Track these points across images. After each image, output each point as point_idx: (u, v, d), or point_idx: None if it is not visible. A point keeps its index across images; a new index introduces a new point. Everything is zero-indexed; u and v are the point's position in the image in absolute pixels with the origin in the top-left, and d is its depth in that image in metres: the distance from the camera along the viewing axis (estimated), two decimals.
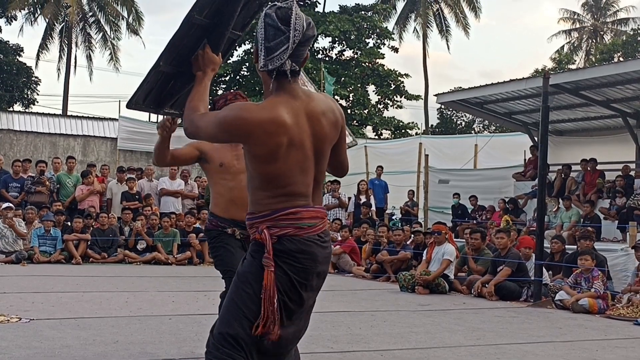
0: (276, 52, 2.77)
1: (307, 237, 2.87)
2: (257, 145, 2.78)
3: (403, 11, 40.72)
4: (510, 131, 20.17)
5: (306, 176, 2.87)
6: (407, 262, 11.78)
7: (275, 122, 2.74)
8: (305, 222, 2.88)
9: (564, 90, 14.79)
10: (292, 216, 2.86)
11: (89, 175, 14.68)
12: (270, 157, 2.79)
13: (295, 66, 2.81)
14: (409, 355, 5.61)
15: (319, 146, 2.89)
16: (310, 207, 2.92)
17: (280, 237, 2.84)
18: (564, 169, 15.67)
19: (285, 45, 2.76)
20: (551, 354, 5.92)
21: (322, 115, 2.88)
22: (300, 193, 2.88)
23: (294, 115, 2.79)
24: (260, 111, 2.77)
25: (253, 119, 2.74)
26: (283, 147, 2.76)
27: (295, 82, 2.87)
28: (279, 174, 2.82)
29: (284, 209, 2.85)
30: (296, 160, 2.81)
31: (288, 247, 2.85)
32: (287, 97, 2.82)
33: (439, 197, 17.52)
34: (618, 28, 44.74)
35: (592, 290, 8.87)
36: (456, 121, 41.37)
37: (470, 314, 8.31)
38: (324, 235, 2.98)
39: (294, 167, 2.82)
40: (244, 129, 2.76)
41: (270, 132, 2.74)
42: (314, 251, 2.89)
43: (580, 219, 13.65)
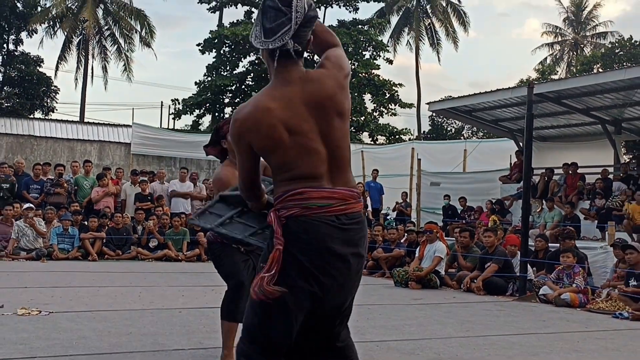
0: (277, 33, 2.60)
1: (316, 218, 2.61)
2: (255, 139, 2.63)
3: (397, 25, 40.73)
4: (497, 137, 20.16)
5: (313, 158, 2.63)
6: (401, 259, 11.78)
7: (261, 111, 2.59)
8: (314, 202, 2.62)
9: (547, 99, 14.79)
10: (298, 197, 2.62)
11: (104, 178, 14.67)
12: (270, 147, 2.62)
13: (298, 47, 2.63)
14: (403, 345, 5.60)
15: (326, 125, 2.66)
16: (324, 188, 2.65)
17: (288, 219, 2.62)
18: (547, 172, 15.66)
19: (287, 26, 2.60)
20: (535, 345, 5.91)
21: (321, 94, 2.66)
22: (308, 175, 2.64)
23: (284, 103, 2.60)
24: (247, 107, 2.64)
25: (241, 117, 2.63)
26: (278, 133, 2.59)
27: (295, 65, 2.66)
28: (282, 161, 2.64)
29: (290, 190, 2.63)
30: (297, 145, 2.61)
31: (293, 228, 2.62)
32: (281, 85, 2.65)
33: (430, 199, 17.50)
34: (597, 41, 44.70)
35: (573, 285, 8.86)
36: (446, 128, 41.32)
37: (460, 307, 8.30)
38: (347, 217, 2.68)
39: (295, 153, 2.62)
40: (239, 130, 2.64)
41: (259, 123, 2.59)
42: (323, 231, 2.61)
43: (562, 219, 13.65)
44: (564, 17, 46.24)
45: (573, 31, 46.07)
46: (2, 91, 33.65)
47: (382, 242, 12.62)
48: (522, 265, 9.57)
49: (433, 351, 5.42)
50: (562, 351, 5.70)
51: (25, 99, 33.18)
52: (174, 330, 5.82)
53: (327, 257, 2.60)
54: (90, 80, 36.32)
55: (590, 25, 46.01)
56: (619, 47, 37.30)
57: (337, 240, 2.63)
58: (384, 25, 37.52)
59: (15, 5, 32.52)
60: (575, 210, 14.07)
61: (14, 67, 33.75)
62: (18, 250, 12.45)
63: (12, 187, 13.97)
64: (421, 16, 40.67)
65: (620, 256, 9.24)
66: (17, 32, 33.58)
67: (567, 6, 46.26)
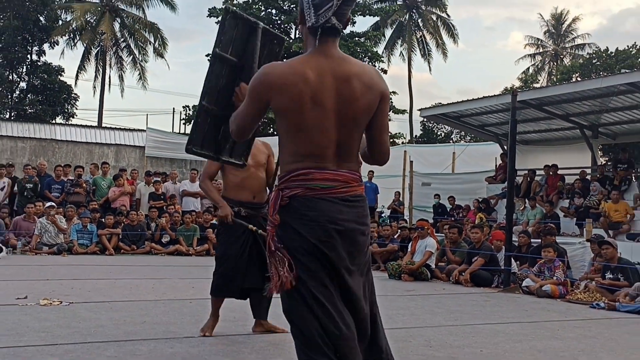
0: (322, 9, 2.47)
1: (319, 197, 2.48)
2: (279, 96, 2.46)
3: (391, 38, 40.71)
4: (483, 141, 20.16)
5: (324, 136, 2.48)
6: (394, 253, 11.78)
7: (296, 74, 2.43)
8: (317, 182, 2.48)
9: (529, 105, 14.79)
10: (302, 177, 2.48)
11: (120, 178, 14.66)
12: (291, 109, 2.46)
13: (339, 24, 2.49)
14: (397, 333, 5.58)
15: (346, 108, 2.49)
16: (328, 169, 2.50)
17: (291, 198, 2.49)
18: (529, 173, 15.66)
19: (330, 2, 2.46)
20: (519, 333, 5.90)
21: (354, 76, 2.49)
22: (316, 154, 2.48)
23: (318, 73, 2.45)
24: (282, 65, 2.51)
25: (275, 72, 2.47)
26: (302, 100, 2.43)
27: (334, 42, 2.53)
28: (295, 130, 2.48)
29: (296, 169, 2.49)
30: (314, 116, 2.45)
31: (296, 206, 2.49)
32: (318, 56, 2.50)
33: (421, 198, 17.50)
34: (576, 52, 44.69)
35: (554, 277, 8.86)
36: (437, 132, 41.27)
37: (449, 298, 8.30)
38: (350, 198, 2.54)
39: (312, 125, 2.46)
40: (267, 83, 2.47)
41: (290, 83, 2.42)
42: (327, 208, 2.47)
43: (544, 217, 13.65)
44: (545, 30, 46.32)
45: (553, 43, 46.08)
46: (26, 98, 33.63)
47: (377, 237, 12.61)
48: (506, 259, 9.58)
49: (424, 338, 5.42)
50: (544, 338, 5.70)
51: (47, 106, 33.16)
52: (185, 319, 5.82)
53: (333, 232, 2.47)
54: (107, 88, 36.30)
55: (570, 38, 46.06)
56: (596, 57, 37.28)
57: (342, 215, 2.51)
58: (379, 38, 37.46)
59: (38, 19, 32.51)
60: (556, 209, 14.08)
61: (37, 76, 33.74)
62: (41, 245, 12.44)
63: (35, 187, 13.97)
64: (413, 29, 40.67)
65: (597, 251, 9.24)
66: (40, 44, 33.56)
67: (548, 20, 46.37)
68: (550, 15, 46.41)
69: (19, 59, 32.76)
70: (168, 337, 4.98)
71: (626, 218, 12.49)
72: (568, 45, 45.91)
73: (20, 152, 23.51)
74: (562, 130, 17.02)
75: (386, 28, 39.91)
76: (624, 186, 13.71)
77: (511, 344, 5.39)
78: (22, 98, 33.63)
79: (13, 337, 4.77)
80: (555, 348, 5.27)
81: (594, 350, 5.26)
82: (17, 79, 33.98)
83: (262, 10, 32.17)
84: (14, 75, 33.73)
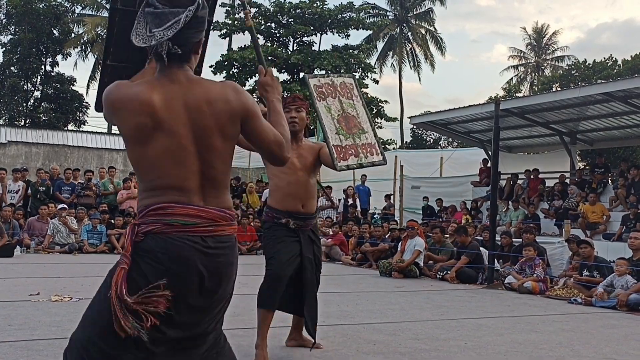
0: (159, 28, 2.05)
1: (179, 237, 2.05)
2: (122, 123, 2.08)
3: (383, 50, 40.77)
4: (469, 147, 20.20)
5: (182, 168, 2.07)
6: (385, 252, 11.77)
7: (140, 100, 2.04)
8: (178, 219, 2.05)
9: (512, 113, 14.84)
10: (160, 211, 2.06)
11: (128, 182, 14.65)
12: (135, 139, 2.07)
13: (176, 49, 2.06)
14: (387, 327, 5.60)
15: (202, 137, 2.09)
16: (192, 205, 2.08)
17: (147, 234, 2.06)
18: (512, 177, 15.71)
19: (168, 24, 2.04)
20: (501, 326, 5.92)
21: (206, 103, 2.08)
22: (175, 187, 2.07)
23: (166, 99, 2.06)
24: (129, 87, 2.09)
25: (119, 94, 2.07)
26: (147, 129, 2.03)
27: (178, 68, 2.11)
28: (146, 161, 2.08)
29: (154, 204, 2.07)
30: (166, 148, 2.05)
31: (150, 244, 2.05)
32: (165, 80, 2.10)
33: (411, 200, 17.51)
34: (556, 64, 44.78)
35: (534, 275, 8.88)
36: (426, 139, 41.34)
37: (436, 294, 8.30)
38: (214, 240, 2.11)
39: (164, 156, 2.06)
40: (111, 104, 2.09)
41: (134, 110, 2.03)
42: (185, 254, 2.04)
43: (526, 217, 13.68)
44: (527, 42, 46.41)
45: (535, 55, 46.20)
46: (40, 107, 33.60)
47: (370, 237, 12.62)
48: (489, 257, 9.59)
49: (412, 332, 5.43)
50: (524, 332, 5.71)
51: (60, 114, 33.12)
52: None
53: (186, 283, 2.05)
54: None
55: (550, 50, 46.20)
56: (575, 69, 37.39)
57: (201, 264, 2.08)
58: (371, 50, 37.54)
59: (52, 32, 32.47)
60: (537, 210, 14.10)
61: (51, 86, 33.69)
62: (53, 245, 12.41)
63: (48, 189, 13.95)
64: (403, 42, 40.74)
65: (575, 250, 9.25)
66: (53, 55, 33.50)
67: (530, 33, 46.47)
68: (532, 29, 46.61)
69: (33, 69, 32.72)
70: None
71: (602, 219, 12.53)
72: (549, 57, 46.03)
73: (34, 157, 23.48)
74: (542, 136, 17.08)
75: (378, 41, 39.97)
76: (600, 189, 13.76)
77: (493, 337, 5.40)
78: (36, 106, 33.58)
79: (26, 331, 4.76)
80: (535, 341, 5.29)
81: (571, 343, 5.27)
82: (31, 89, 33.92)
83: (262, 24, 32.22)
84: (29, 84, 33.67)
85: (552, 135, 16.51)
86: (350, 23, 32.57)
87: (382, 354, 4.57)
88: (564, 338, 5.49)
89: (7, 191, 13.95)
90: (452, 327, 5.77)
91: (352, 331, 5.36)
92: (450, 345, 4.95)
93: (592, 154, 22.09)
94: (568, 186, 14.23)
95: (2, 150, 23.29)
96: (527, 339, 5.36)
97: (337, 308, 6.58)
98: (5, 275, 8.31)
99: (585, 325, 6.29)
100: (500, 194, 14.87)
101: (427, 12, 40.40)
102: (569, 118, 14.95)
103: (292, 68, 32.21)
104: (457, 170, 18.91)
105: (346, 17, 32.44)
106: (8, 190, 13.98)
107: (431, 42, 40.49)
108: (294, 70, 32.44)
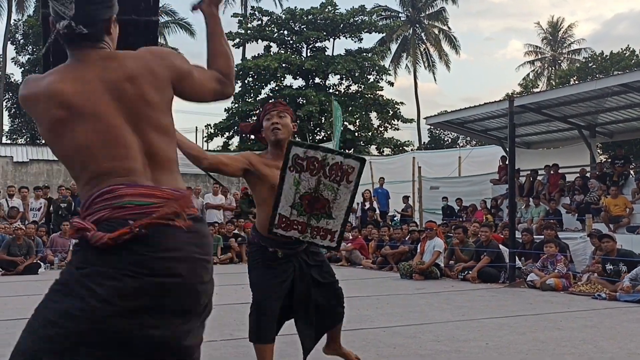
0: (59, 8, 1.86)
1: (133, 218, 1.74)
2: (39, 121, 1.87)
3: (396, 52, 40.71)
4: (487, 145, 20.07)
5: (116, 148, 1.82)
6: (406, 254, 11.72)
7: (50, 91, 1.82)
8: (128, 199, 1.77)
9: (528, 109, 14.72)
10: (107, 195, 1.78)
11: None
12: (56, 133, 1.84)
13: (82, 29, 1.84)
14: (406, 330, 5.58)
15: (133, 111, 1.85)
16: (140, 185, 1.81)
17: (97, 224, 1.75)
18: (532, 173, 15.56)
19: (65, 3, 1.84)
20: (523, 325, 5.86)
21: (128, 80, 1.86)
22: (114, 170, 1.81)
23: (80, 83, 1.83)
24: (38, 81, 1.87)
25: (28, 90, 1.86)
26: (65, 120, 1.80)
27: (93, 47, 1.89)
28: (77, 153, 1.83)
29: (97, 190, 1.80)
30: (92, 132, 1.80)
31: None
32: (77, 63, 1.88)
33: (430, 201, 17.42)
34: (573, 57, 44.39)
35: (555, 271, 8.77)
36: (444, 138, 41.17)
37: (457, 294, 8.24)
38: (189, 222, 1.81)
39: (92, 142, 1.80)
40: (23, 103, 1.89)
41: (45, 103, 1.82)
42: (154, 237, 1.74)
43: (547, 214, 13.54)
44: (543, 37, 46.05)
45: (551, 49, 45.83)
46: None
47: (389, 240, 12.59)
48: (510, 255, 9.50)
49: (433, 334, 5.40)
50: (546, 329, 5.65)
51: None
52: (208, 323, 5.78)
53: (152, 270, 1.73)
54: None
55: (566, 43, 45.80)
56: (592, 61, 37.02)
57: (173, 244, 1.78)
58: (385, 52, 37.48)
59: None
60: (558, 206, 13.95)
61: None
62: None
63: (69, 205, 14.15)
64: (417, 43, 40.65)
65: (597, 244, 9.14)
66: None
67: (545, 28, 46.09)
68: (547, 23, 46.25)
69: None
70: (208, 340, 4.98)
71: (625, 212, 12.35)
72: (565, 51, 45.64)
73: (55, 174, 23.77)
74: (561, 131, 16.90)
75: (392, 43, 39.92)
76: (621, 181, 13.58)
77: (515, 336, 5.35)
78: None
79: None
80: (558, 338, 5.22)
81: (594, 339, 5.20)
82: None
83: (275, 32, 32.36)
84: None
85: (570, 129, 16.33)
86: (362, 26, 32.59)
87: (402, 357, 4.55)
88: (588, 334, 5.42)
89: (29, 209, 14.17)
90: (473, 327, 5.73)
91: (372, 335, 5.35)
92: (471, 346, 4.91)
93: (613, 146, 21.80)
94: (589, 180, 14.06)
95: (24, 169, 23.64)
96: (549, 336, 5.30)
97: (357, 312, 6.56)
98: (30, 292, 8.41)
99: (610, 320, 6.20)
100: (521, 191, 14.74)
101: (440, 12, 40.28)
102: (586, 111, 14.79)
103: (307, 74, 32.30)
104: (475, 169, 18.80)
105: (358, 21, 32.47)
106: (30, 208, 14.20)
107: (445, 41, 40.38)
108: (308, 76, 32.53)
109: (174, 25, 35.86)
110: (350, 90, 33.41)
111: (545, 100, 14.39)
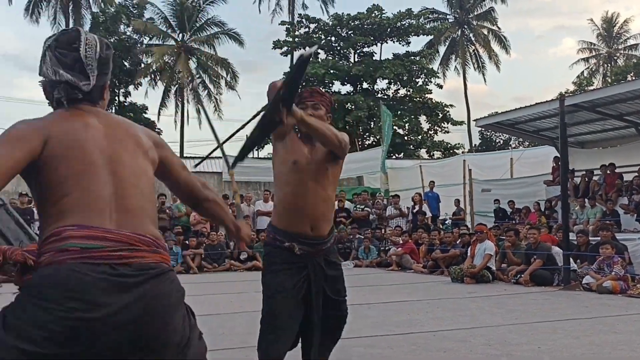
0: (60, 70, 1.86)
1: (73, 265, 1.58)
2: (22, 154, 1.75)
3: (445, 54, 40.32)
4: (540, 145, 19.65)
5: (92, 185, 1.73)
6: (457, 258, 11.59)
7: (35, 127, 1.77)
8: (74, 242, 1.61)
9: (581, 108, 14.34)
10: (53, 238, 1.64)
11: None
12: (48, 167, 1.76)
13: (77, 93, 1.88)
14: (456, 334, 5.53)
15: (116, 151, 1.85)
16: (93, 226, 1.66)
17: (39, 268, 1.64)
18: (587, 173, 15.16)
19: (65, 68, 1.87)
20: (577, 329, 5.72)
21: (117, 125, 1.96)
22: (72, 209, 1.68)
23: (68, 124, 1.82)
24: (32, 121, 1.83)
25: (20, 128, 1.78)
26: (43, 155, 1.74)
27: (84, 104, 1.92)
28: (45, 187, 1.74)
29: (50, 232, 1.67)
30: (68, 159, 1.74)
31: (35, 280, 1.61)
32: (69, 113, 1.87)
33: (482, 204, 17.17)
34: (629, 53, 43.05)
35: (612, 273, 8.53)
36: (495, 140, 40.51)
37: (509, 298, 8.10)
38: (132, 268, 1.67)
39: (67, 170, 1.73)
40: None
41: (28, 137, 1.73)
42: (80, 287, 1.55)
43: (604, 215, 13.17)
44: (597, 33, 44.81)
45: (606, 45, 44.55)
46: None
47: (440, 244, 12.48)
48: (564, 257, 9.29)
49: (484, 338, 5.33)
50: (602, 333, 5.51)
51: None
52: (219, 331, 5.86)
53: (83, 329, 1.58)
54: (186, 121, 37.49)
55: (622, 39, 44.45)
56: None
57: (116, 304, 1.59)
58: (434, 55, 37.20)
59: (123, 64, 33.98)
60: (615, 206, 13.54)
61: (125, 115, 34.97)
62: None
63: None
64: (466, 44, 40.17)
65: None
66: (126, 86, 35.04)
67: (599, 24, 44.85)
68: (601, 19, 44.97)
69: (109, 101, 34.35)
70: (243, 347, 5.05)
71: None
72: (621, 47, 44.29)
73: None
74: (617, 129, 16.38)
75: (440, 45, 39.56)
76: None
77: (569, 339, 5.23)
78: None
79: None
80: (613, 342, 5.09)
81: None
82: None
83: (322, 39, 32.54)
84: None
85: (627, 127, 15.82)
86: (410, 30, 32.45)
87: None
88: None
89: None
90: (525, 331, 5.63)
91: (422, 339, 5.33)
92: (523, 350, 4.84)
93: None
94: None
95: None
96: (605, 340, 5.17)
97: (407, 317, 6.55)
98: None
99: None
100: (576, 191, 14.38)
101: (489, 12, 39.71)
102: None
103: (354, 80, 32.35)
104: (528, 170, 18.43)
105: (405, 25, 32.34)
106: None
107: (494, 41, 39.76)
108: (356, 81, 32.57)
109: (224, 35, 36.51)
110: (398, 95, 33.29)
111: (598, 99, 14.00)
